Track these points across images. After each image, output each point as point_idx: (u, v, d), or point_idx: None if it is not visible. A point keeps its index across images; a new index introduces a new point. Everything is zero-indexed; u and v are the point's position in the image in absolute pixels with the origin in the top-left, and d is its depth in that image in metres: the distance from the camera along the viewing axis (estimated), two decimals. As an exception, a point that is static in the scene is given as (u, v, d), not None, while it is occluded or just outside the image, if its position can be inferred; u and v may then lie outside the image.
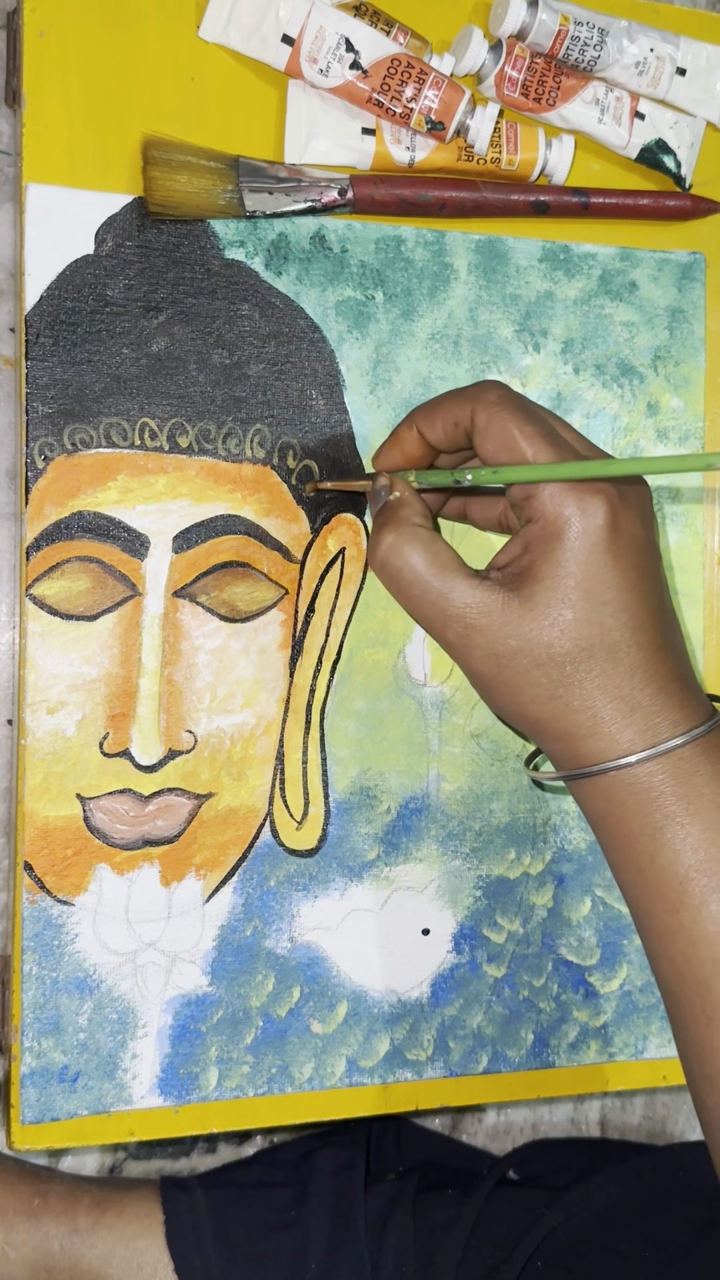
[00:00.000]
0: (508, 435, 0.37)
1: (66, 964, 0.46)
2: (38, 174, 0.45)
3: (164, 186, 0.45)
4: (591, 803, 0.39)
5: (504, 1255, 0.49)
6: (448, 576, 0.38)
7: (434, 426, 0.41)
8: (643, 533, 0.38)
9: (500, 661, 0.38)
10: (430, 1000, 0.51)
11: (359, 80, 0.46)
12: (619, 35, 0.50)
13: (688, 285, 0.54)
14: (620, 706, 0.37)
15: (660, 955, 0.38)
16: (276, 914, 0.48)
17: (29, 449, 0.45)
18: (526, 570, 0.37)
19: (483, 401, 0.38)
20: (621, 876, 0.39)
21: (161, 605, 0.46)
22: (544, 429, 0.38)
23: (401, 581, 0.39)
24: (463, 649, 0.39)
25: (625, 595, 0.37)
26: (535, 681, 0.38)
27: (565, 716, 0.38)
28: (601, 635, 0.37)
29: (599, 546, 0.36)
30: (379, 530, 0.40)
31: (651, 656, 0.38)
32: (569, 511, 0.36)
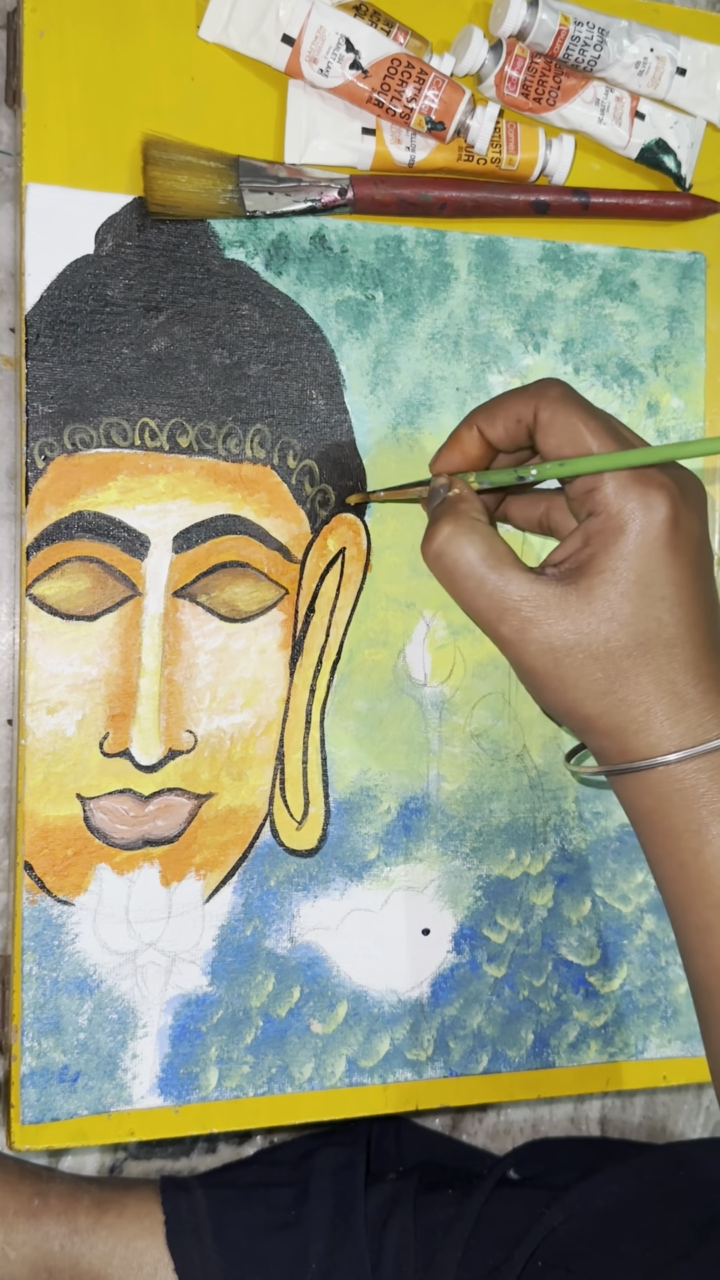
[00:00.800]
0: (573, 430, 0.38)
1: (66, 964, 0.46)
2: (38, 174, 0.45)
3: (164, 186, 0.45)
4: (636, 799, 0.39)
5: (504, 1255, 0.49)
6: (505, 569, 0.38)
7: (495, 425, 0.41)
8: (700, 530, 0.38)
9: (556, 656, 0.38)
10: (430, 1000, 0.51)
11: (359, 80, 0.46)
12: (619, 35, 0.50)
13: (688, 285, 0.54)
14: (674, 703, 0.37)
15: (698, 951, 0.38)
16: (276, 914, 0.48)
17: (29, 449, 0.45)
18: (587, 563, 0.38)
19: (546, 398, 0.39)
20: (662, 871, 0.39)
21: (161, 605, 0.46)
22: (607, 424, 0.39)
23: (458, 574, 0.39)
24: (518, 644, 0.38)
25: (682, 591, 0.37)
26: (591, 676, 0.38)
27: (619, 712, 0.38)
28: (658, 630, 0.37)
29: (660, 541, 0.37)
30: (436, 522, 0.40)
31: (704, 654, 0.38)
32: (632, 505, 0.37)
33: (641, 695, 0.38)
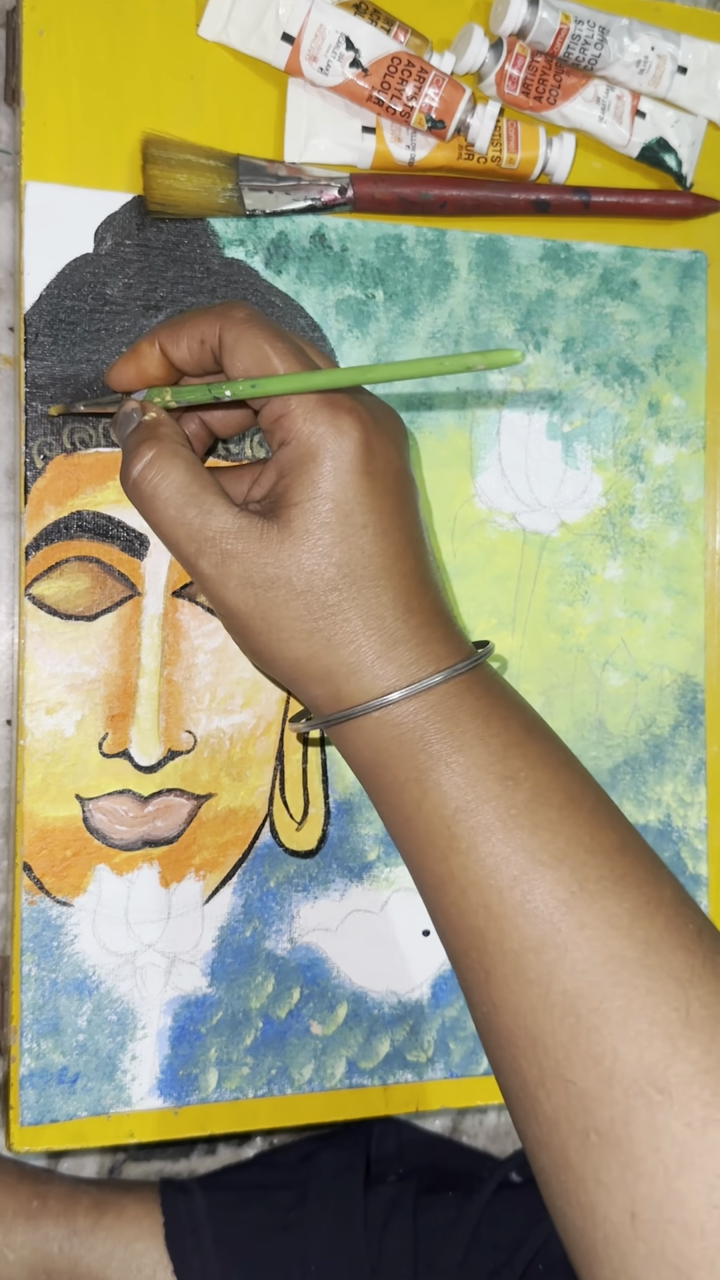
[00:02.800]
0: (259, 352, 0.36)
1: (66, 965, 0.46)
2: (37, 172, 0.45)
3: (163, 185, 0.45)
4: (357, 753, 0.37)
5: (505, 1258, 0.49)
6: (206, 500, 0.36)
7: (179, 344, 0.39)
8: (397, 459, 0.37)
9: (257, 593, 0.36)
10: (431, 1001, 0.50)
11: (359, 78, 0.46)
12: (620, 33, 0.49)
13: (689, 284, 0.53)
14: (384, 639, 0.35)
15: (436, 910, 0.36)
16: (276, 915, 0.48)
17: (28, 448, 0.45)
18: (283, 494, 0.36)
19: (231, 319, 0.37)
20: (392, 829, 0.37)
21: (161, 605, 0.46)
22: (294, 346, 0.37)
23: (157, 500, 0.37)
24: (218, 579, 0.36)
25: (384, 520, 0.36)
26: (295, 614, 0.36)
27: (326, 653, 0.36)
28: (363, 561, 0.35)
29: (354, 467, 0.35)
30: (136, 447, 0.38)
31: (412, 588, 0.36)
32: (322, 430, 0.35)
33: (349, 633, 0.36)
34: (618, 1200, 0.30)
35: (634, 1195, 0.30)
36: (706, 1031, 0.31)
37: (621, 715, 0.53)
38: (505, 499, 0.51)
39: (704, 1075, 0.30)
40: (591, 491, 0.52)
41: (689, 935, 0.33)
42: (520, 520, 0.51)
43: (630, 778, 0.53)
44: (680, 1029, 0.31)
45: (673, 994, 0.31)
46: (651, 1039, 0.31)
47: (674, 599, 0.54)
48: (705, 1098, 0.30)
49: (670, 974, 0.31)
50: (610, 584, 0.53)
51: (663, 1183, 0.30)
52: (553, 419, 0.52)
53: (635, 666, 0.53)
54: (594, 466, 0.52)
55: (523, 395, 0.51)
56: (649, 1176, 0.30)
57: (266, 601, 0.36)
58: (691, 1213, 0.29)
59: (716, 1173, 0.29)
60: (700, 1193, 0.29)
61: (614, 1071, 0.31)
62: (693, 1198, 0.29)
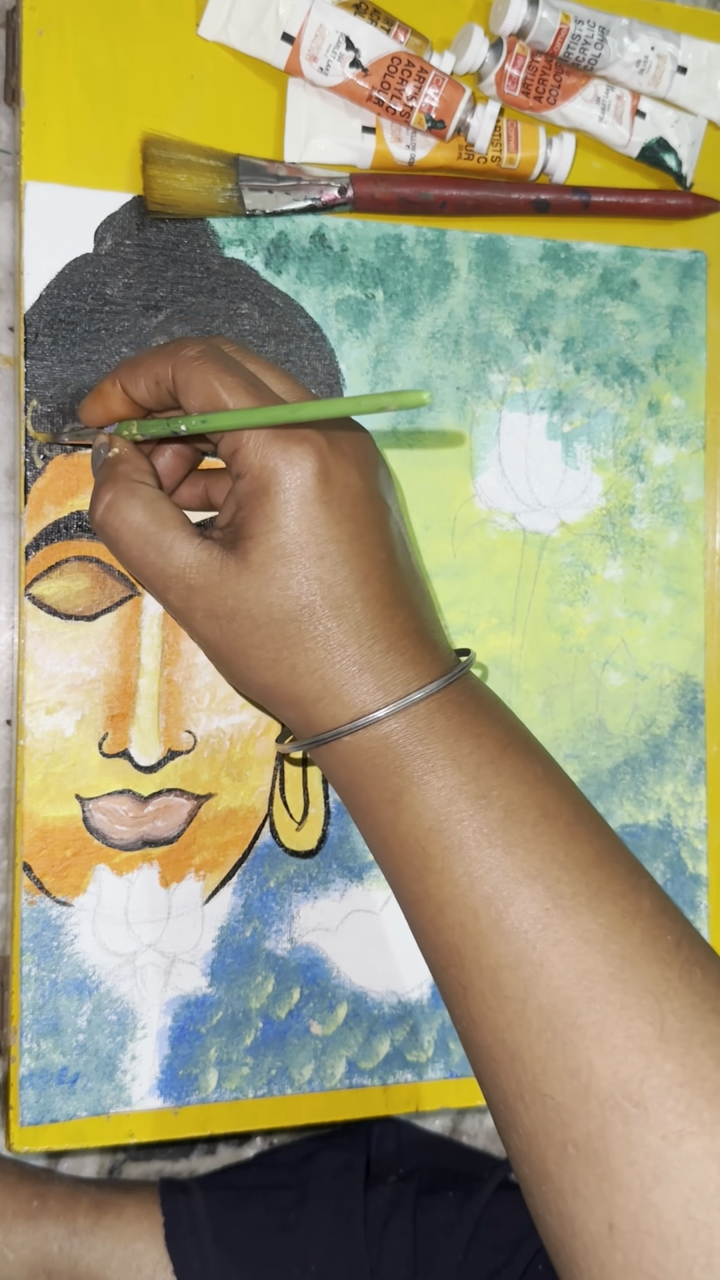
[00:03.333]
0: (209, 389, 0.36)
1: (65, 965, 0.46)
2: (37, 172, 0.45)
3: (163, 185, 0.45)
4: (333, 773, 0.37)
5: (505, 1258, 0.49)
6: (168, 534, 0.37)
7: (137, 384, 0.39)
8: (360, 482, 0.36)
9: (221, 625, 0.36)
10: (431, 1001, 0.50)
11: (359, 78, 0.46)
12: (620, 33, 0.49)
13: (689, 284, 0.53)
14: (347, 667, 0.35)
15: (415, 927, 0.36)
16: (276, 915, 0.48)
17: (28, 448, 0.45)
18: (241, 526, 0.36)
19: (181, 358, 0.37)
20: (371, 847, 0.37)
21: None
22: (245, 379, 0.36)
23: (121, 542, 0.37)
24: (185, 612, 0.37)
25: (344, 548, 0.35)
26: (259, 644, 0.36)
27: (291, 681, 0.36)
28: (323, 591, 0.35)
29: (310, 497, 0.35)
30: (97, 489, 0.38)
31: (379, 612, 0.36)
32: (274, 463, 0.35)
33: (313, 663, 0.35)
34: (595, 1212, 0.30)
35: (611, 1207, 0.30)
36: (681, 1045, 0.31)
37: (621, 715, 0.53)
38: (505, 499, 0.51)
39: (679, 1089, 0.30)
40: (591, 491, 0.52)
41: (666, 947, 0.32)
42: (520, 520, 0.51)
43: (630, 778, 0.53)
44: (655, 1043, 0.31)
45: (648, 1008, 0.31)
46: (627, 1053, 0.31)
47: (674, 599, 0.54)
48: (680, 1110, 0.30)
49: (645, 988, 0.32)
50: (610, 584, 0.53)
51: (639, 1195, 0.30)
52: (553, 419, 0.52)
53: (635, 666, 0.53)
54: (594, 466, 0.52)
55: (523, 395, 0.51)
56: (625, 1189, 0.30)
57: (230, 633, 0.36)
58: (667, 1224, 0.29)
59: (692, 1185, 0.29)
60: (675, 1204, 0.29)
61: (590, 1085, 0.31)
62: (668, 1209, 0.29)
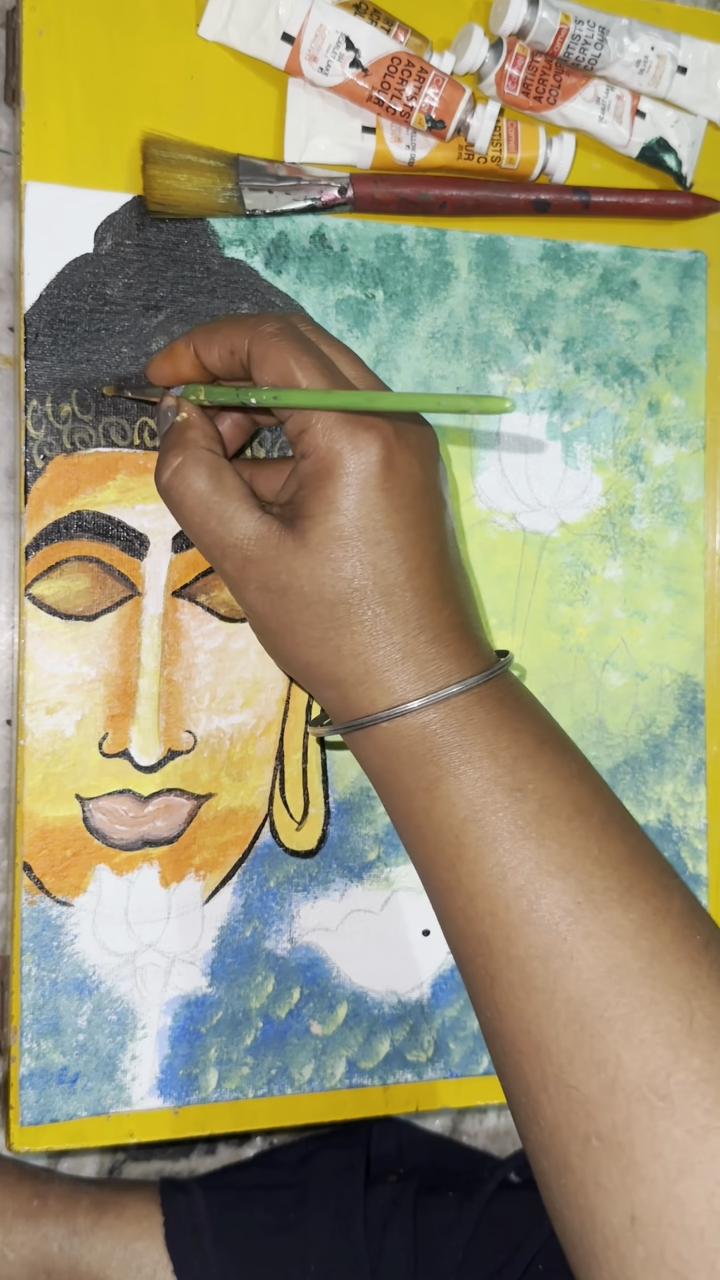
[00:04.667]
0: (284, 366, 0.36)
1: (66, 965, 0.46)
2: (37, 172, 0.45)
3: (163, 185, 0.45)
4: (368, 759, 0.37)
5: (505, 1259, 0.49)
6: (230, 504, 0.37)
7: (210, 351, 0.39)
8: (420, 474, 0.37)
9: (273, 598, 0.36)
10: (431, 1001, 0.50)
11: (359, 78, 0.46)
12: (620, 33, 0.49)
13: (689, 284, 0.53)
14: (392, 654, 0.36)
15: (444, 916, 0.36)
16: (276, 915, 0.48)
17: (28, 448, 0.45)
18: (300, 506, 0.36)
19: (260, 333, 0.37)
20: (403, 835, 0.37)
21: (161, 605, 0.46)
22: (321, 361, 0.37)
23: (184, 507, 0.38)
24: (239, 581, 0.37)
25: (400, 536, 0.36)
26: (307, 622, 0.36)
27: (335, 662, 0.36)
28: (375, 577, 0.36)
29: (372, 484, 0.35)
30: (165, 452, 0.39)
31: (428, 603, 0.36)
32: (341, 446, 0.35)
33: (357, 646, 0.36)
34: (618, 1204, 0.31)
35: (634, 1199, 0.30)
36: (709, 1041, 0.31)
37: (621, 715, 0.53)
38: (505, 499, 0.51)
39: (706, 1084, 0.30)
40: (591, 491, 0.52)
41: (695, 946, 0.33)
42: (520, 520, 0.51)
43: (630, 778, 0.53)
44: (683, 1038, 0.31)
45: (676, 1004, 0.31)
46: (655, 1047, 0.31)
47: (674, 599, 0.54)
48: (706, 1105, 0.30)
49: (674, 984, 0.32)
50: (610, 584, 0.53)
51: (663, 1187, 0.30)
52: (553, 419, 0.52)
53: (635, 666, 0.53)
54: (594, 466, 0.52)
55: (523, 395, 0.51)
56: (649, 1181, 0.30)
57: (280, 607, 0.37)
58: (691, 1217, 0.29)
59: (717, 1179, 0.29)
60: (700, 1198, 0.29)
61: (616, 1078, 0.31)
62: (692, 1203, 0.29)
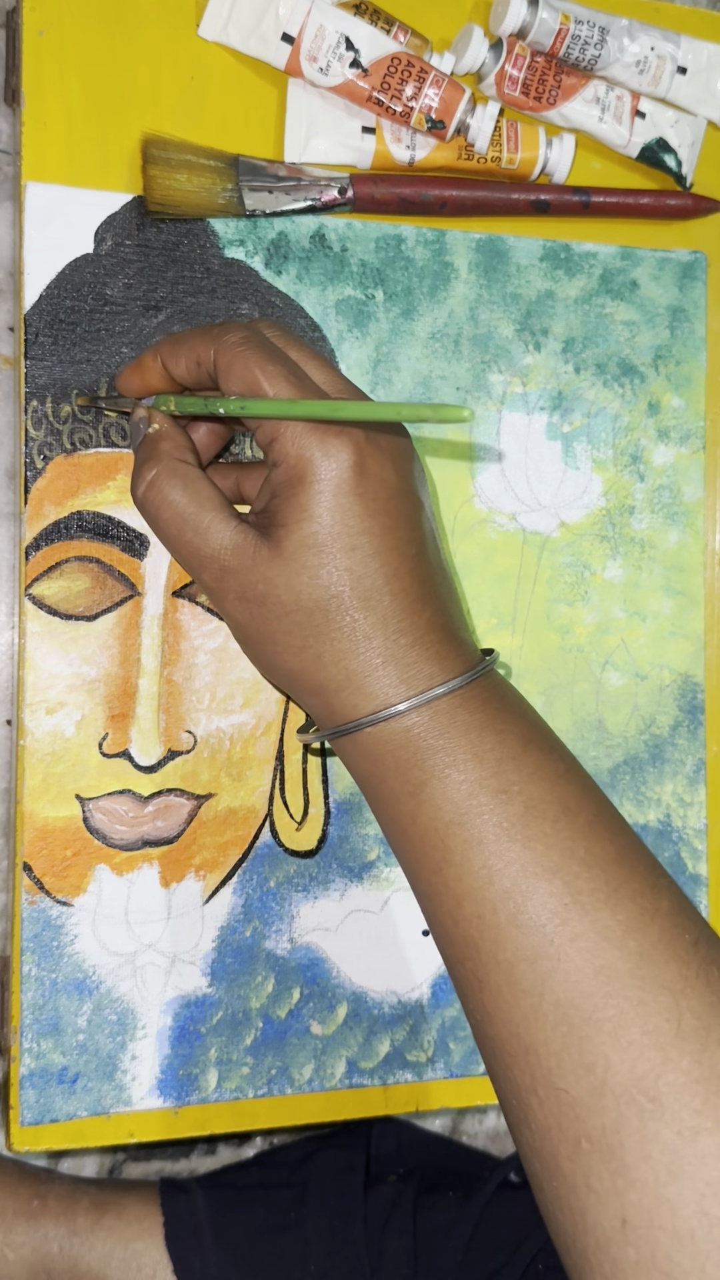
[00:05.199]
0: (250, 376, 0.36)
1: (66, 965, 0.46)
2: (37, 173, 0.45)
3: (163, 185, 0.45)
4: (354, 765, 0.37)
5: (505, 1258, 0.49)
6: (206, 515, 0.37)
7: (177, 363, 0.39)
8: (395, 477, 0.37)
9: (251, 608, 0.37)
10: (430, 1001, 0.50)
11: (359, 79, 0.46)
12: (619, 34, 0.49)
13: (689, 284, 0.53)
14: (372, 659, 0.36)
15: (432, 920, 0.36)
16: (276, 915, 0.48)
17: (28, 448, 0.45)
18: (274, 515, 0.36)
19: (224, 343, 0.37)
20: (390, 840, 0.37)
21: (161, 605, 0.46)
22: (288, 368, 0.36)
23: (160, 519, 0.38)
24: (218, 592, 0.37)
25: (376, 541, 0.36)
26: (286, 630, 0.36)
27: (317, 669, 0.36)
28: (352, 583, 0.35)
29: (344, 490, 0.35)
30: (140, 465, 0.39)
31: (407, 606, 0.36)
32: (311, 453, 0.35)
33: (338, 652, 0.36)
34: (608, 1207, 0.30)
35: (625, 1202, 0.30)
36: (697, 1042, 0.31)
37: (621, 715, 0.53)
38: (505, 499, 0.51)
39: (695, 1085, 0.30)
40: (591, 491, 0.52)
41: (684, 946, 0.33)
42: (520, 520, 0.51)
43: (630, 778, 0.53)
44: (672, 1039, 0.31)
45: (665, 1005, 0.31)
46: (643, 1049, 0.31)
47: (674, 599, 0.54)
48: (695, 1106, 0.30)
49: (663, 985, 0.32)
50: (610, 584, 0.53)
51: (653, 1190, 0.30)
52: (553, 419, 0.52)
53: (635, 666, 0.53)
54: (594, 466, 0.52)
55: (523, 395, 0.51)
56: (639, 1183, 0.30)
57: (260, 616, 0.37)
58: (681, 1219, 0.29)
59: (707, 1180, 0.29)
60: (690, 1200, 0.29)
61: (605, 1080, 0.31)
62: (683, 1205, 0.29)
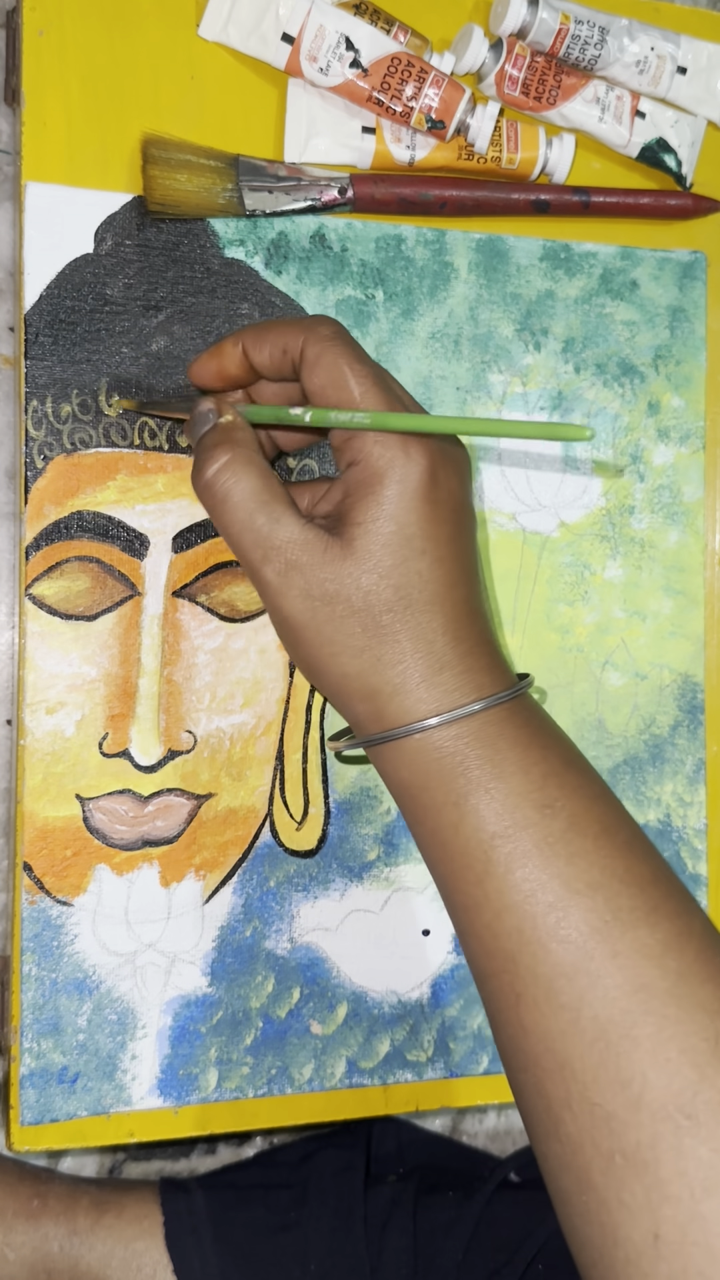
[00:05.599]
0: (338, 373, 0.36)
1: (66, 965, 0.46)
2: (37, 173, 0.45)
3: (163, 185, 0.45)
4: (395, 772, 0.37)
5: (505, 1258, 0.49)
6: (276, 509, 0.37)
7: (262, 349, 0.39)
8: (460, 490, 0.38)
9: (315, 606, 0.36)
10: (430, 1001, 0.50)
11: (359, 79, 0.46)
12: (619, 34, 0.49)
13: (689, 284, 0.53)
14: (430, 664, 0.36)
15: (468, 932, 0.36)
16: (276, 915, 0.48)
17: (28, 448, 0.45)
18: (348, 513, 0.36)
19: (316, 334, 0.37)
20: (427, 851, 0.37)
21: (161, 605, 0.46)
22: (375, 371, 0.37)
23: (229, 505, 0.37)
24: (280, 587, 0.37)
25: (442, 548, 0.36)
26: (349, 630, 0.36)
27: (374, 672, 0.36)
28: (419, 586, 0.36)
29: (419, 494, 0.36)
30: (211, 449, 0.38)
31: (463, 617, 0.37)
32: (391, 454, 0.36)
33: (398, 655, 0.36)
34: (641, 1222, 0.31)
35: (658, 1217, 0.30)
36: None
37: (621, 715, 0.53)
38: (505, 499, 0.51)
39: None
40: (591, 491, 0.52)
41: (718, 968, 0.33)
42: (520, 520, 0.51)
43: (630, 778, 0.53)
44: (709, 1058, 0.31)
45: (702, 1024, 0.32)
46: (680, 1066, 0.31)
47: (674, 599, 0.54)
48: None
49: (700, 1004, 0.32)
50: (610, 584, 0.53)
51: (688, 1205, 0.30)
52: (553, 419, 0.52)
53: (635, 666, 0.53)
54: (594, 466, 0.52)
55: (523, 395, 0.51)
56: (674, 1199, 0.30)
57: (323, 615, 0.36)
58: (715, 1235, 0.30)
59: None
60: None
61: (642, 1096, 0.31)
62: (716, 1220, 0.30)
